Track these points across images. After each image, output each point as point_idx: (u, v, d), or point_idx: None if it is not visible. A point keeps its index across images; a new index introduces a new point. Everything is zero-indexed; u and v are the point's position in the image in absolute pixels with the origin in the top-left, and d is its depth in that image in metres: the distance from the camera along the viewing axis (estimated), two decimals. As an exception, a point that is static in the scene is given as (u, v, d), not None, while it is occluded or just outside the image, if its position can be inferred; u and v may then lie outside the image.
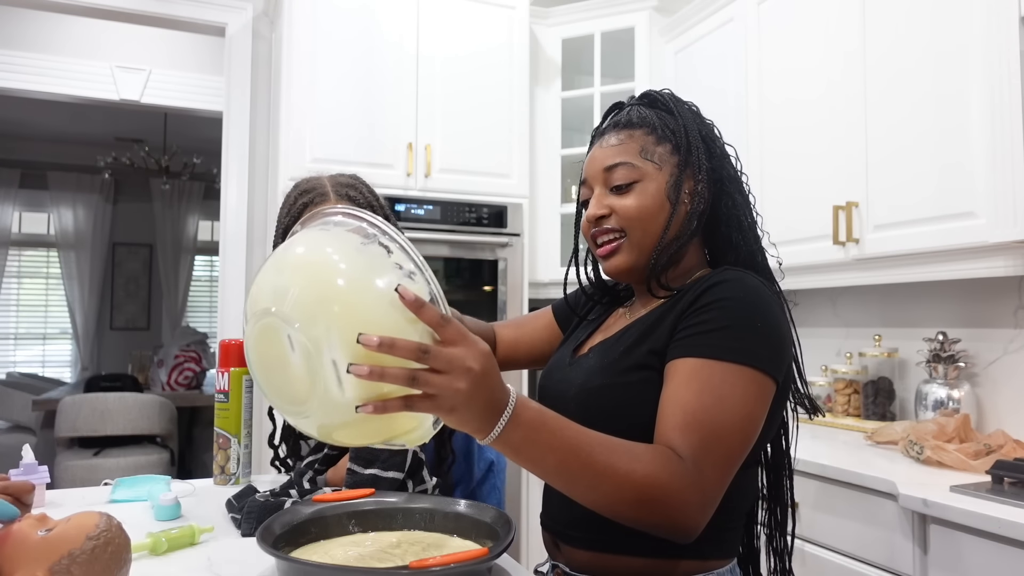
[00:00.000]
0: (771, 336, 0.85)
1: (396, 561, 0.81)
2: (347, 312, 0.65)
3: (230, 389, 1.40)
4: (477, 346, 0.69)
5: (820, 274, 2.11)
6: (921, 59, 1.79)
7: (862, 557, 1.58)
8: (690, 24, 2.71)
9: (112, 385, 4.39)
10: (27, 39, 3.71)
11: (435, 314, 0.67)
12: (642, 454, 0.77)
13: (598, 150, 0.99)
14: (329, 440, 0.73)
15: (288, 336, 0.67)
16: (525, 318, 1.28)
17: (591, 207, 0.97)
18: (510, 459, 0.76)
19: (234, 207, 2.90)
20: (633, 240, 0.94)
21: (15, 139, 6.16)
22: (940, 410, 1.89)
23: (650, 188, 0.94)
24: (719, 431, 0.79)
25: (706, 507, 0.78)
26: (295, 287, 0.68)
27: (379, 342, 0.63)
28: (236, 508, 1.12)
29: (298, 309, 0.67)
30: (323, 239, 0.72)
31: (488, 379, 0.69)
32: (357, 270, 0.68)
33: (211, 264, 7.04)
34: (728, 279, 0.88)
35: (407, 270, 0.70)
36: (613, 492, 0.75)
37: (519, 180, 2.77)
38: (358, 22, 2.56)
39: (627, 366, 0.90)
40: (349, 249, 0.70)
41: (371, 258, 0.69)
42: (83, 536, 0.73)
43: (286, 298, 0.67)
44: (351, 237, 0.72)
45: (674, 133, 0.96)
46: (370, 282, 0.67)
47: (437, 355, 0.66)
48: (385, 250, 0.71)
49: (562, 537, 0.95)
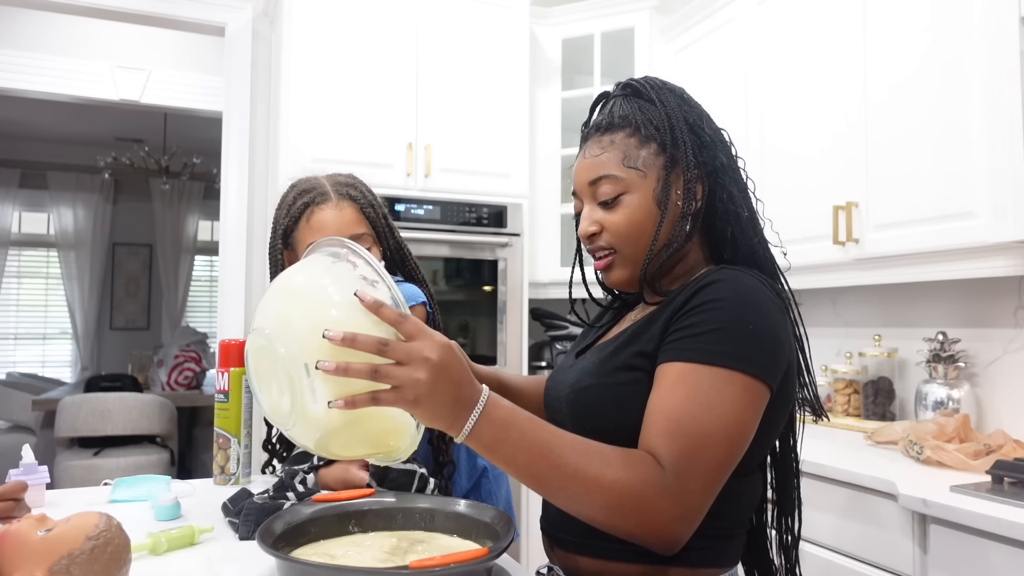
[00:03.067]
0: (765, 339, 0.81)
1: (396, 561, 0.81)
2: (315, 318, 0.72)
3: (230, 389, 1.39)
4: (435, 338, 0.73)
5: (820, 274, 2.11)
6: (921, 58, 1.79)
7: (862, 557, 1.58)
8: (690, 24, 2.71)
9: (112, 385, 4.39)
10: (27, 39, 3.70)
11: (393, 312, 0.72)
12: (616, 459, 0.75)
13: (582, 161, 0.96)
14: (319, 452, 0.78)
15: (270, 351, 0.74)
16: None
17: (582, 224, 0.95)
18: (485, 457, 0.76)
19: (234, 207, 2.90)
20: (625, 255, 0.92)
21: (15, 139, 6.16)
22: (940, 410, 1.89)
23: (636, 200, 0.90)
24: (704, 439, 0.76)
25: (687, 518, 0.76)
26: (273, 306, 0.77)
27: (342, 337, 0.69)
28: (232, 512, 1.12)
29: (274, 323, 0.75)
30: (299, 265, 0.82)
31: (449, 370, 0.72)
32: (324, 284, 0.77)
33: (211, 264, 7.03)
34: (721, 279, 0.84)
35: (370, 280, 0.77)
36: (582, 495, 0.74)
37: (519, 180, 2.77)
38: (358, 22, 2.56)
39: (616, 366, 0.88)
40: (318, 269, 0.79)
41: (337, 273, 0.78)
42: (82, 536, 0.73)
43: (267, 316, 0.76)
44: (322, 259, 0.82)
45: (658, 129, 0.91)
46: (334, 290, 0.75)
47: (395, 348, 0.71)
48: (352, 265, 0.79)
49: (557, 541, 0.94)
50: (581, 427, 0.83)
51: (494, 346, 2.70)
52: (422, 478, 1.19)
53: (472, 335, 2.69)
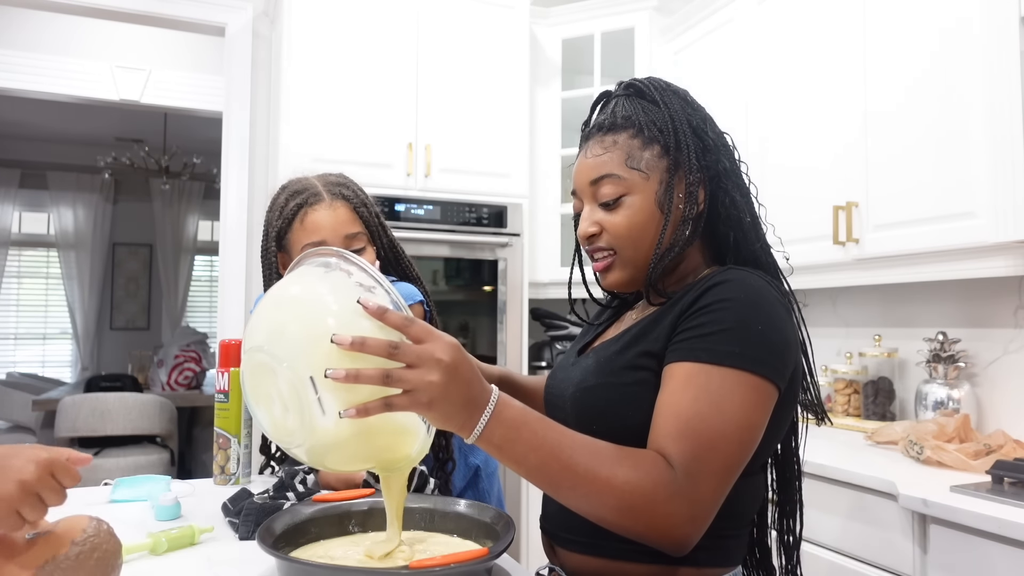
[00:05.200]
0: (773, 340, 0.81)
1: (396, 561, 0.81)
2: (318, 328, 0.70)
3: (230, 389, 1.39)
4: (444, 339, 0.72)
5: (820, 274, 2.11)
6: (921, 59, 1.79)
7: (862, 557, 1.58)
8: (690, 24, 2.71)
9: (112, 385, 4.39)
10: (27, 39, 3.70)
11: (399, 316, 0.71)
12: (626, 460, 0.75)
13: (583, 160, 0.94)
14: (330, 468, 0.77)
15: (272, 367, 0.72)
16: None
17: (581, 225, 0.94)
18: (495, 457, 0.76)
19: (234, 207, 2.89)
20: (625, 257, 0.91)
21: (15, 139, 6.16)
22: (940, 410, 1.89)
23: (638, 201, 0.89)
24: (715, 440, 0.76)
25: (697, 520, 0.76)
26: (270, 321, 0.75)
27: (352, 341, 0.68)
28: (232, 512, 1.12)
29: (274, 338, 0.73)
30: (291, 278, 0.80)
31: (461, 370, 0.71)
32: (321, 293, 0.74)
33: (211, 264, 7.03)
34: (730, 279, 0.84)
35: (368, 286, 0.76)
36: (593, 496, 0.74)
37: (519, 180, 2.76)
38: (358, 22, 2.56)
39: (621, 366, 0.88)
40: (313, 279, 0.77)
41: (333, 283, 0.76)
42: (69, 541, 0.71)
43: (264, 332, 0.74)
44: (313, 269, 0.79)
45: (661, 132, 0.90)
46: (333, 299, 0.73)
47: (407, 350, 0.69)
48: (346, 274, 0.77)
49: (558, 540, 0.94)
50: (586, 427, 0.82)
51: (494, 346, 2.70)
52: (421, 476, 1.19)
53: (472, 335, 2.69)
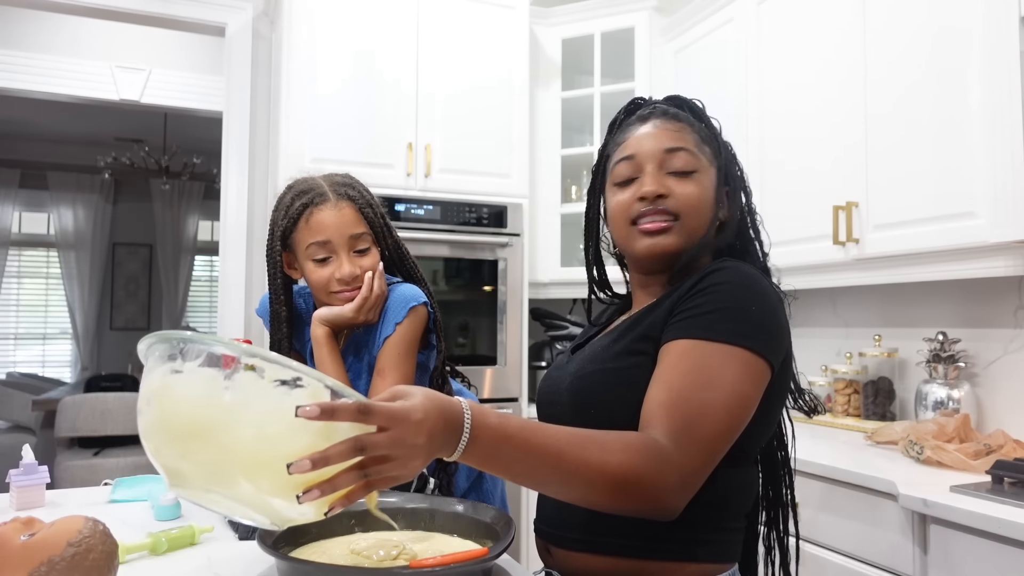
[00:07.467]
0: (767, 320, 0.84)
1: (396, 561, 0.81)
2: (262, 467, 0.61)
3: (230, 389, 1.39)
4: (406, 407, 0.65)
5: (820, 274, 2.11)
6: (921, 59, 1.79)
7: (862, 557, 1.58)
8: (690, 24, 2.71)
9: (112, 385, 4.39)
10: (27, 39, 3.70)
11: (350, 410, 0.61)
12: (614, 443, 0.75)
13: (654, 129, 0.96)
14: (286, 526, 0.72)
15: (220, 503, 0.66)
16: None
17: (649, 183, 0.93)
18: (483, 471, 0.75)
19: (234, 207, 2.90)
20: (686, 226, 0.93)
21: (15, 139, 6.16)
22: (940, 410, 1.89)
23: (705, 180, 0.95)
24: (705, 409, 0.78)
25: (687, 487, 0.77)
26: (196, 458, 0.63)
27: (312, 463, 0.60)
28: None
29: (214, 481, 0.63)
30: (185, 397, 0.64)
31: (433, 416, 0.67)
32: (241, 418, 0.62)
33: (211, 264, 7.03)
34: (726, 267, 0.88)
35: (291, 379, 0.63)
36: (587, 486, 0.75)
37: (519, 180, 2.76)
38: (358, 22, 2.56)
39: (619, 351, 0.90)
40: (217, 398, 0.63)
41: (246, 394, 0.62)
42: (64, 542, 0.71)
43: (196, 474, 0.64)
44: (206, 377, 0.63)
45: (712, 137, 0.98)
46: (265, 422, 0.62)
47: (376, 443, 0.63)
48: (253, 371, 0.63)
49: (553, 540, 0.94)
50: (584, 413, 0.83)
51: (494, 346, 2.70)
52: (421, 477, 1.19)
53: (472, 335, 2.69)
